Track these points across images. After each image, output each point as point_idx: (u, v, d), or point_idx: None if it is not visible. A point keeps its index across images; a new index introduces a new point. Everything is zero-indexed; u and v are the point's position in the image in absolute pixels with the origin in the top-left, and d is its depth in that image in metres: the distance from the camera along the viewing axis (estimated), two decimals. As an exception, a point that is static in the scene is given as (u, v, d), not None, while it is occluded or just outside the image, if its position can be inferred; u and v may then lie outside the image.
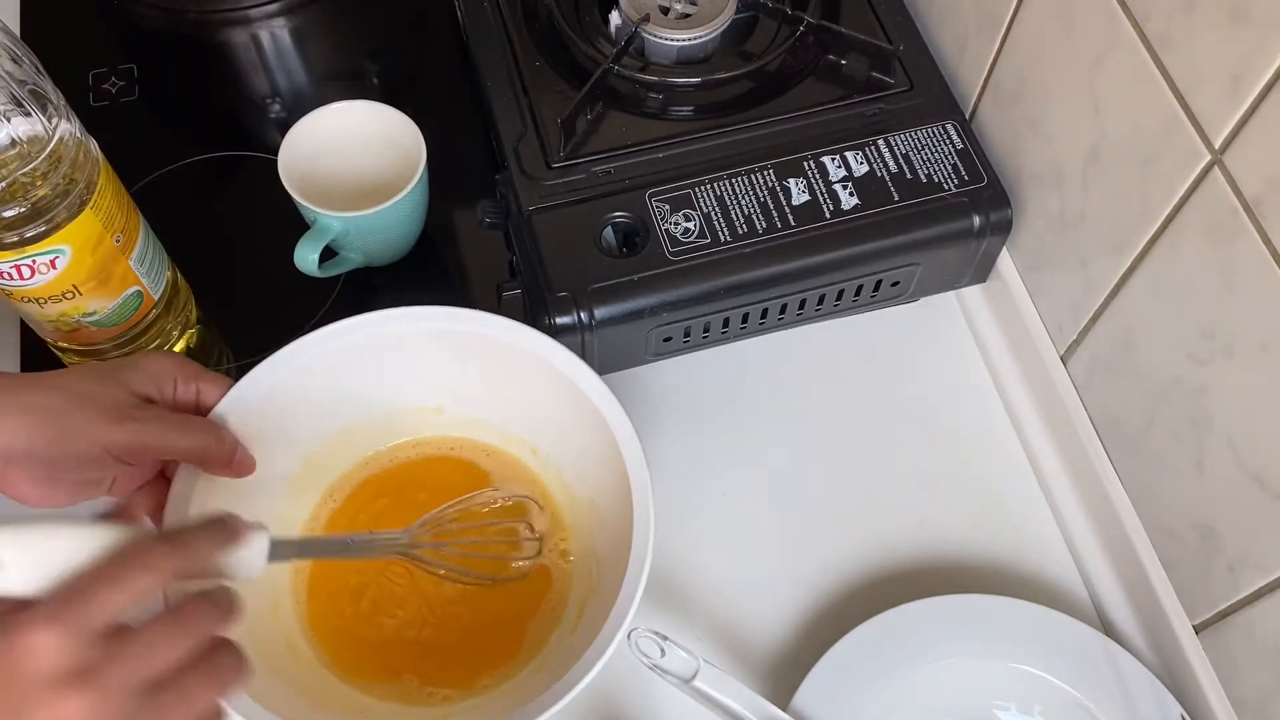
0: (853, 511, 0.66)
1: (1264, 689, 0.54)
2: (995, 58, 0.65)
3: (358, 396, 0.60)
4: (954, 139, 0.66)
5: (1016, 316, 0.68)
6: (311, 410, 0.59)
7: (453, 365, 0.60)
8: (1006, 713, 0.59)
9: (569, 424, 0.58)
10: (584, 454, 0.58)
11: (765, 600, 0.63)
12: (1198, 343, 0.53)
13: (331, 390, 0.59)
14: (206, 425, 0.53)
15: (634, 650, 0.52)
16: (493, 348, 0.58)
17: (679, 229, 0.63)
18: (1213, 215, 0.50)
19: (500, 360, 0.58)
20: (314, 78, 0.83)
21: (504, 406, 0.61)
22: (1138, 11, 0.52)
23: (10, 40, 0.53)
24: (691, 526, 0.65)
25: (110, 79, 0.80)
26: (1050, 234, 0.64)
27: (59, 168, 0.55)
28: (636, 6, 0.69)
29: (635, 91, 0.69)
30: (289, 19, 0.84)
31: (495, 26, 0.71)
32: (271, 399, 0.56)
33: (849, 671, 0.58)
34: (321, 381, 0.58)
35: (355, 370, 0.59)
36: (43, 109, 0.54)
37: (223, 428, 0.54)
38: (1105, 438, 0.63)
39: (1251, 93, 0.46)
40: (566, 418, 0.58)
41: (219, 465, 0.53)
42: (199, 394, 0.54)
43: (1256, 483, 0.51)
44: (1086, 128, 0.58)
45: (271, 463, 0.57)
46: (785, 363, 0.71)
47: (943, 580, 0.64)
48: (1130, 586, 0.62)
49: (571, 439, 0.59)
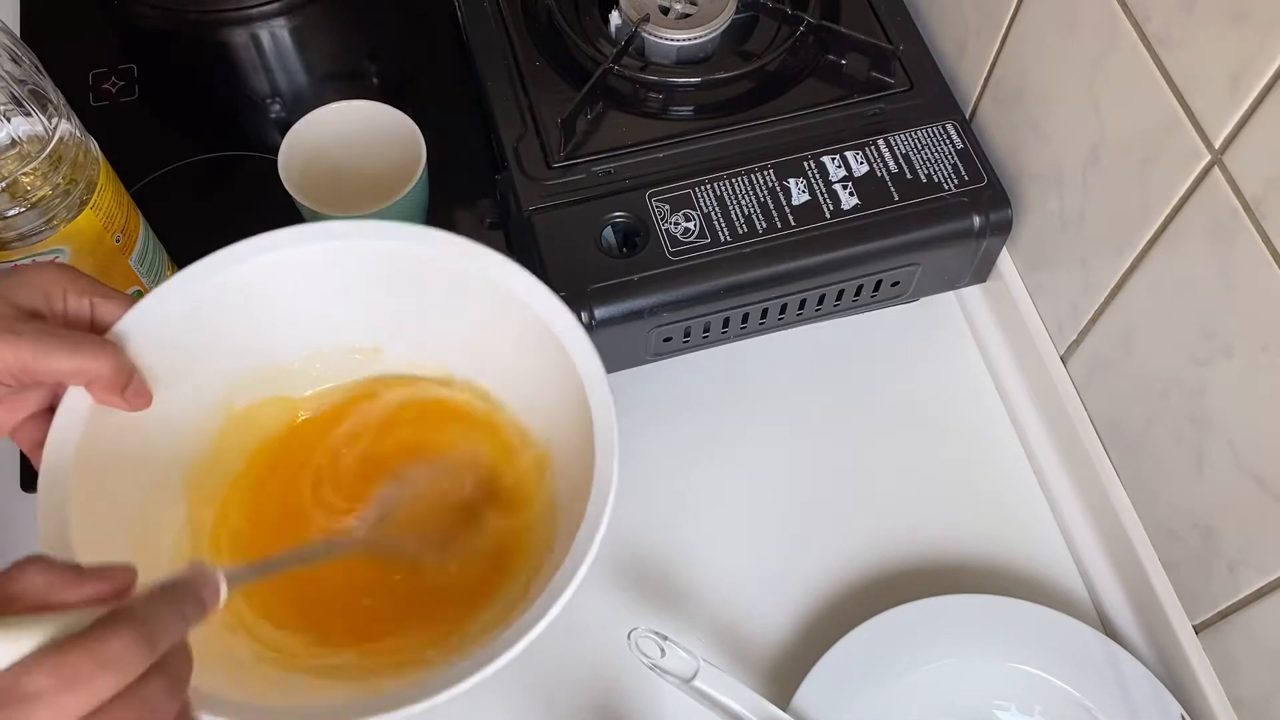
0: (853, 511, 0.66)
1: (1264, 689, 0.54)
2: (995, 58, 0.65)
3: (283, 327, 0.54)
4: (954, 139, 0.66)
5: (1016, 316, 0.68)
6: (229, 339, 0.53)
7: (392, 296, 0.54)
8: (1006, 713, 0.59)
9: (527, 363, 0.53)
10: (543, 395, 0.53)
11: (765, 600, 0.63)
12: (1198, 343, 0.53)
13: (253, 318, 0.53)
14: (97, 344, 0.47)
15: (634, 650, 0.52)
16: (440, 274, 0.52)
17: (679, 229, 0.63)
18: (1213, 215, 0.50)
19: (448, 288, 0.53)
20: (314, 78, 0.83)
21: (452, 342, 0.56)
22: (1138, 12, 0.52)
23: (10, 40, 0.53)
24: (691, 526, 0.65)
25: (110, 79, 0.80)
26: (1050, 234, 0.64)
27: (59, 168, 0.55)
28: (636, 6, 0.69)
29: (635, 91, 0.69)
30: (289, 19, 0.84)
31: (495, 26, 0.71)
32: (181, 324, 0.50)
33: (849, 671, 0.58)
34: (242, 305, 0.52)
35: (281, 296, 0.53)
36: (43, 109, 0.54)
37: (118, 349, 0.47)
38: (1105, 438, 0.63)
39: (1251, 93, 0.46)
40: (525, 357, 0.53)
41: (110, 392, 0.47)
42: (94, 309, 0.48)
43: (1256, 483, 0.51)
44: (1086, 128, 0.58)
45: (177, 401, 0.51)
46: (785, 363, 0.71)
47: (943, 580, 0.64)
48: (1130, 586, 0.62)
49: (530, 380, 0.54)
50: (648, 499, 0.66)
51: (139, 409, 0.49)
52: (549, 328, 0.51)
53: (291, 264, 0.52)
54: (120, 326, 0.49)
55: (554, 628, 0.62)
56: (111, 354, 0.47)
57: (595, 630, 0.62)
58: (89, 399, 0.48)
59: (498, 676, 0.58)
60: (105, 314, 0.48)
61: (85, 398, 0.48)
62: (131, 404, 0.48)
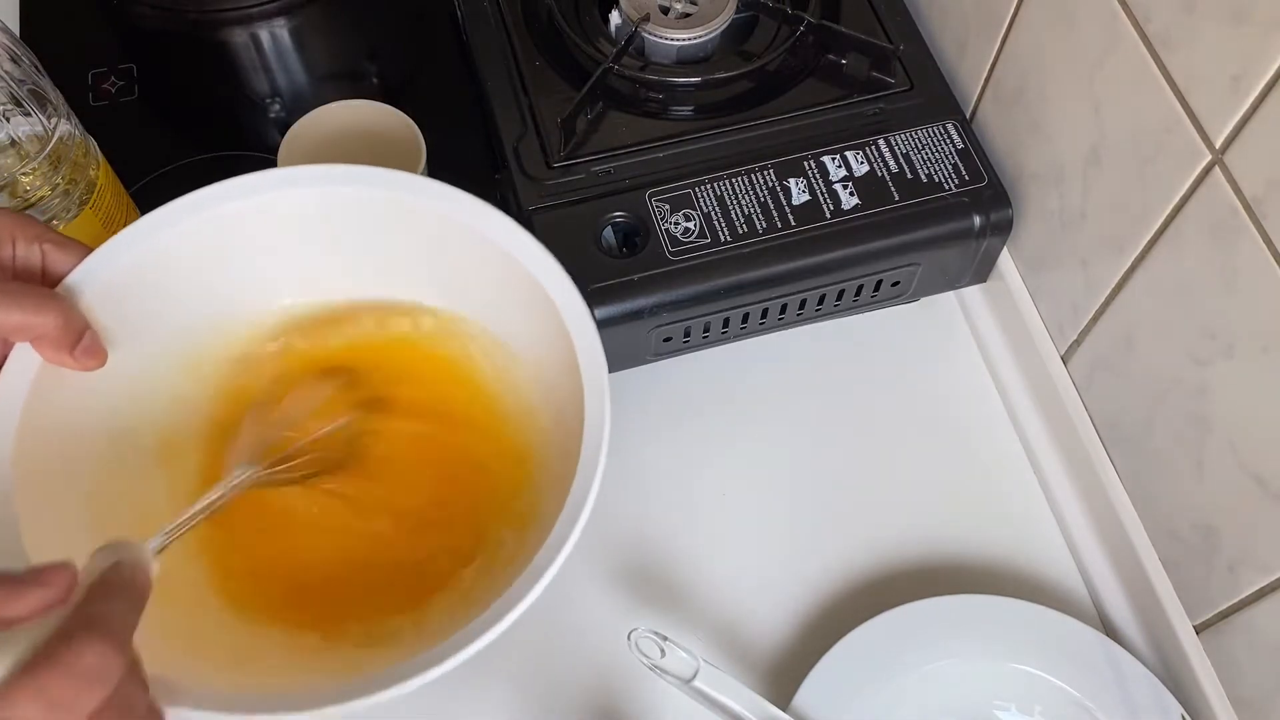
0: (853, 511, 0.66)
1: (1265, 689, 0.54)
2: (996, 57, 0.65)
3: (250, 277, 0.51)
4: (954, 139, 0.66)
5: (1017, 316, 0.68)
6: (192, 292, 0.49)
7: (365, 242, 0.51)
8: (1006, 713, 0.59)
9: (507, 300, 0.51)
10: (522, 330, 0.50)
11: (765, 600, 0.63)
12: (1198, 343, 0.53)
13: (218, 268, 0.50)
14: (44, 296, 0.43)
15: (634, 650, 0.52)
16: (416, 219, 0.50)
17: (679, 229, 0.63)
18: (1213, 215, 0.50)
19: (423, 235, 0.51)
20: (314, 78, 0.83)
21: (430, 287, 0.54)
22: (1138, 11, 0.52)
23: (10, 40, 0.53)
24: (691, 526, 0.65)
25: (110, 79, 0.80)
26: (1051, 234, 0.64)
27: (59, 168, 0.55)
28: (636, 6, 0.69)
29: (635, 91, 0.69)
30: (289, 19, 0.84)
31: (495, 26, 0.71)
32: (141, 275, 0.47)
33: (849, 671, 0.58)
34: (207, 255, 0.49)
35: (249, 245, 0.50)
36: (42, 109, 0.54)
37: (69, 303, 0.44)
38: (1106, 438, 0.63)
39: (1252, 93, 0.46)
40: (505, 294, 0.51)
41: (58, 349, 0.44)
42: (45, 258, 0.45)
43: (1257, 483, 0.51)
44: (1087, 127, 0.58)
45: (137, 360, 0.47)
46: (785, 363, 0.71)
47: (943, 580, 0.64)
48: (1130, 586, 0.62)
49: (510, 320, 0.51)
50: (648, 499, 0.66)
51: (90, 369, 0.45)
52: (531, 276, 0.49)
53: (261, 211, 0.49)
54: (72, 279, 0.45)
55: (554, 628, 0.62)
56: (60, 308, 0.43)
57: (595, 630, 0.62)
58: (37, 360, 0.44)
59: (497, 676, 0.57)
60: (57, 263, 0.45)
61: (32, 359, 0.44)
62: (81, 363, 0.44)
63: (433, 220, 0.51)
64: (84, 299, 0.45)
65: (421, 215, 0.51)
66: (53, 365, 0.45)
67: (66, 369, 0.45)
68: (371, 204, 0.51)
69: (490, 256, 0.50)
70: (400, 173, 0.51)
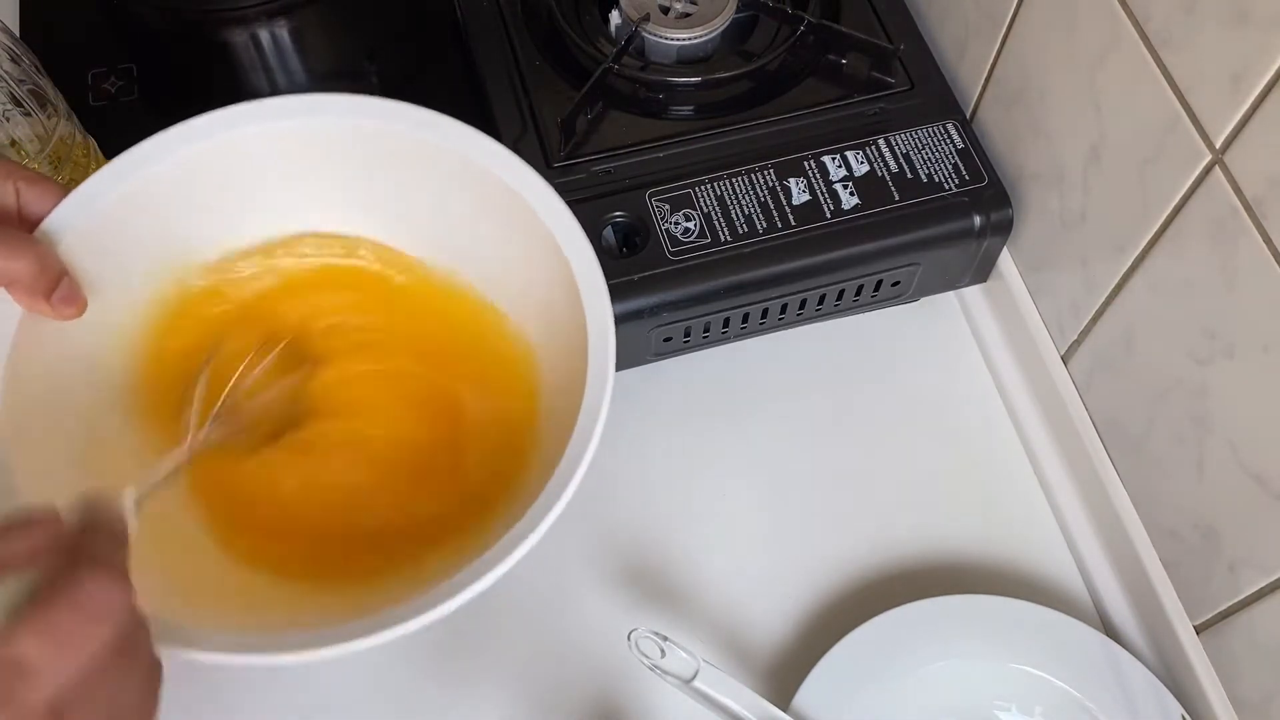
0: (853, 511, 0.66)
1: (1265, 689, 0.54)
2: (996, 57, 0.65)
3: (240, 215, 0.49)
4: (954, 138, 0.66)
5: (1017, 316, 0.68)
6: (176, 232, 0.47)
7: (359, 179, 0.49)
8: (1006, 713, 0.59)
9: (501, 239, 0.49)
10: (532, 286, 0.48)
11: (765, 600, 0.63)
12: (1199, 343, 0.53)
13: (206, 206, 0.48)
14: (18, 239, 0.41)
15: (634, 650, 0.52)
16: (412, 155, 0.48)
17: (679, 229, 0.63)
18: (1214, 215, 0.50)
19: (421, 172, 0.48)
20: (314, 78, 0.83)
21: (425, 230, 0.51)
22: (1138, 11, 0.52)
23: (10, 40, 0.53)
24: (691, 526, 0.65)
25: (110, 79, 0.80)
26: (1051, 234, 0.64)
27: (59, 168, 0.55)
28: (636, 6, 0.69)
29: (635, 91, 0.69)
30: (289, 19, 0.84)
31: (495, 26, 0.71)
32: (122, 216, 0.45)
33: (849, 671, 0.58)
34: (193, 193, 0.47)
35: (239, 180, 0.48)
36: (42, 109, 0.54)
37: (43, 246, 0.42)
38: (1106, 438, 0.63)
39: (1252, 92, 0.46)
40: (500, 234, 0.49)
41: (34, 296, 0.42)
42: (20, 198, 0.42)
43: (1257, 483, 0.51)
44: (1087, 127, 0.58)
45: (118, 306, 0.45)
46: (785, 362, 0.71)
47: (943, 580, 0.64)
48: (1131, 586, 0.62)
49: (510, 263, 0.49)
50: (648, 498, 0.66)
51: (68, 317, 0.43)
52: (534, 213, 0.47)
53: (247, 144, 0.47)
54: (49, 222, 0.43)
55: (554, 628, 0.62)
56: (35, 251, 0.41)
57: (595, 630, 0.62)
58: (17, 310, 0.42)
59: (498, 676, 0.57)
60: (34, 204, 0.43)
61: (13, 309, 0.42)
62: (59, 311, 0.43)
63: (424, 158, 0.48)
64: (62, 243, 0.43)
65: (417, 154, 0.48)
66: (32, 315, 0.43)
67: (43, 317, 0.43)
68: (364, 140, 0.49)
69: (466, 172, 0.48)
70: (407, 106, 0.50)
